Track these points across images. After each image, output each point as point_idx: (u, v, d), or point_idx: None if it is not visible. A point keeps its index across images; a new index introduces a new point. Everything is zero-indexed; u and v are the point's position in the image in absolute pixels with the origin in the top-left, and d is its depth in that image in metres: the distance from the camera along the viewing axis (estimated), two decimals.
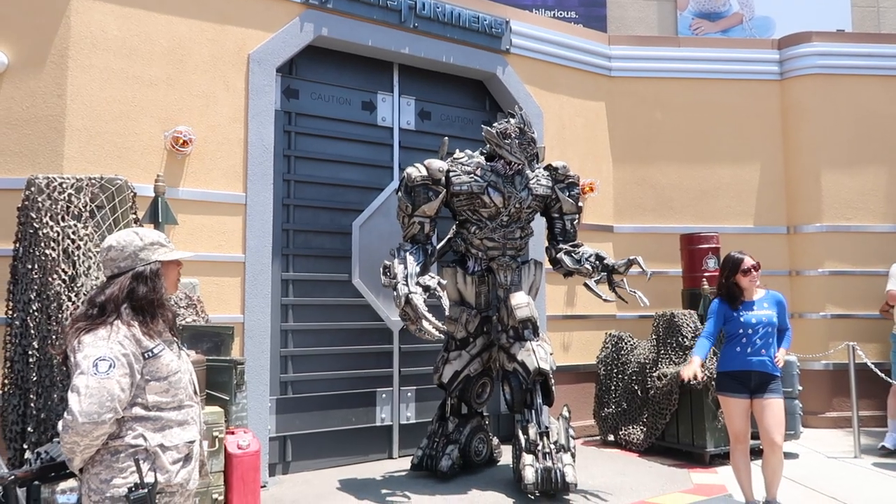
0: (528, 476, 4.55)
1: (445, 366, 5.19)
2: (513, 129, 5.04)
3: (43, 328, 3.77)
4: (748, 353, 4.25)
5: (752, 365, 4.24)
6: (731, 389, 4.27)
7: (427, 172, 5.00)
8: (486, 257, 5.22)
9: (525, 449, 4.71)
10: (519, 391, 4.91)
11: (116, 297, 2.32)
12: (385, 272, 4.85)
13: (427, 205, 4.98)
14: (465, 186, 5.06)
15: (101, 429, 2.13)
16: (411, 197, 4.99)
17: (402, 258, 4.85)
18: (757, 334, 4.26)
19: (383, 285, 4.90)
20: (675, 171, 7.52)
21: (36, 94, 4.61)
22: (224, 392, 4.07)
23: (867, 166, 7.51)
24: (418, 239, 5.01)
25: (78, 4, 4.71)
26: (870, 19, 11.24)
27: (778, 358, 4.29)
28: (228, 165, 5.20)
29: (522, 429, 4.82)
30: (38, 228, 3.82)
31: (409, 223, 5.01)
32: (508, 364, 4.99)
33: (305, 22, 5.57)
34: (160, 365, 2.31)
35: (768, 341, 4.28)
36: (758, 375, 4.24)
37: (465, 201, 5.11)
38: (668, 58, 7.64)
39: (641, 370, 6.28)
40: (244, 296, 5.15)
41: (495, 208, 5.08)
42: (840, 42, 7.80)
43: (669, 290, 7.02)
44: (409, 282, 4.72)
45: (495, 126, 5.12)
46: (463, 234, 5.27)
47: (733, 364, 4.29)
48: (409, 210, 5.00)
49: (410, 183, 4.99)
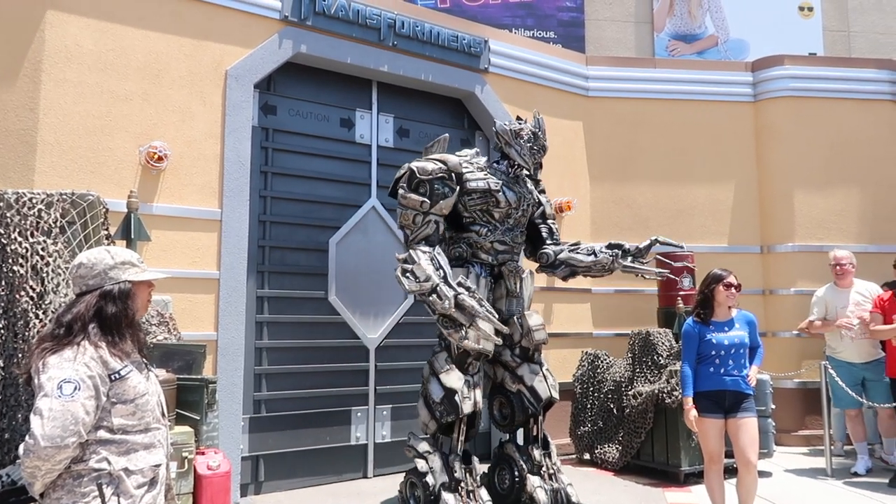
0: (541, 498, 4.50)
1: (464, 399, 4.38)
2: (527, 131, 4.82)
3: (9, 346, 3.69)
4: (721, 373, 4.29)
5: (725, 384, 4.27)
6: (706, 410, 4.29)
7: (446, 165, 4.57)
8: (496, 262, 4.80)
9: (530, 471, 4.66)
10: (521, 413, 4.74)
11: (83, 315, 2.28)
12: (408, 276, 4.27)
13: (445, 201, 4.51)
14: (482, 183, 4.67)
15: (63, 453, 2.08)
16: (427, 192, 4.50)
17: (432, 257, 4.32)
18: (730, 355, 4.30)
19: (409, 291, 4.33)
20: (651, 190, 7.60)
21: (7, 108, 4.55)
22: (195, 412, 4.00)
23: (839, 187, 7.65)
24: (432, 240, 4.48)
25: (53, 18, 4.67)
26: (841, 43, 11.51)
27: (750, 376, 4.34)
28: (204, 181, 5.16)
29: (520, 449, 4.75)
30: (6, 244, 3.75)
31: (424, 222, 4.48)
32: (512, 385, 4.76)
33: (284, 39, 5.57)
34: (127, 387, 2.27)
35: (741, 361, 4.33)
36: (732, 395, 4.27)
37: (478, 200, 4.70)
38: (644, 79, 7.75)
39: (617, 388, 6.30)
40: (218, 313, 5.09)
41: (508, 209, 4.77)
42: (812, 65, 7.98)
43: (645, 309, 7.07)
44: (450, 281, 4.24)
45: (510, 125, 4.89)
46: (469, 239, 4.78)
47: (707, 384, 4.31)
48: (425, 207, 4.48)
49: (425, 176, 4.50)
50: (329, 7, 5.76)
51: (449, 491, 4.29)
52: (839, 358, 6.26)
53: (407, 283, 4.27)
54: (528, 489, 4.61)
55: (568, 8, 10.92)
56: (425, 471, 4.43)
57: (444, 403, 4.38)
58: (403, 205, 4.57)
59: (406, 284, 4.28)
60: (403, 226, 4.61)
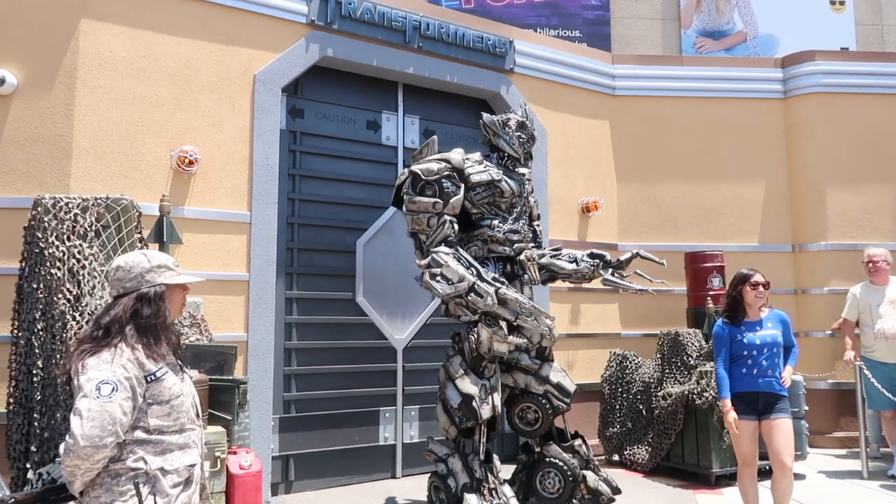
0: (606, 490, 4.60)
1: (482, 404, 4.32)
2: (514, 121, 4.79)
3: (48, 347, 3.78)
4: (754, 374, 4.22)
5: (758, 386, 4.21)
6: (739, 411, 4.22)
7: (450, 163, 4.53)
8: (513, 252, 4.71)
9: (583, 467, 4.69)
10: (553, 412, 4.68)
11: (120, 317, 2.33)
12: (439, 280, 4.17)
13: (455, 199, 4.46)
14: (485, 175, 4.62)
15: (102, 452, 2.13)
16: (436, 192, 4.44)
17: (458, 257, 4.25)
18: (762, 355, 4.23)
19: (443, 295, 4.21)
20: (679, 189, 7.52)
21: (44, 115, 4.66)
22: (227, 412, 4.06)
23: (872, 185, 7.50)
24: (451, 242, 4.40)
25: (87, 26, 4.77)
26: (874, 37, 11.27)
27: (784, 377, 4.27)
28: (233, 184, 5.23)
29: (570, 448, 4.74)
30: (44, 248, 3.85)
31: (440, 223, 4.41)
32: (539, 386, 4.67)
33: (311, 43, 5.62)
34: (163, 388, 2.31)
35: (774, 361, 4.25)
36: (765, 396, 4.21)
37: (484, 193, 4.65)
38: (671, 76, 7.67)
39: (646, 389, 6.25)
40: (248, 314, 5.16)
41: (512, 197, 4.72)
42: (844, 61, 7.82)
43: (674, 309, 7.00)
44: (485, 277, 4.16)
45: (497, 116, 4.89)
46: (482, 235, 4.69)
47: (740, 385, 4.25)
48: (438, 207, 4.42)
49: (431, 177, 4.45)
50: (355, 10, 5.80)
51: (471, 491, 4.28)
52: (873, 357, 6.14)
53: (440, 287, 4.18)
54: (590, 484, 4.63)
55: (593, 6, 10.86)
56: (446, 474, 4.43)
57: (463, 409, 4.34)
58: (413, 210, 4.50)
59: (439, 289, 4.18)
60: (417, 231, 4.54)
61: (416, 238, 4.61)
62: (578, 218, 7.05)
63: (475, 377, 4.40)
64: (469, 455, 4.42)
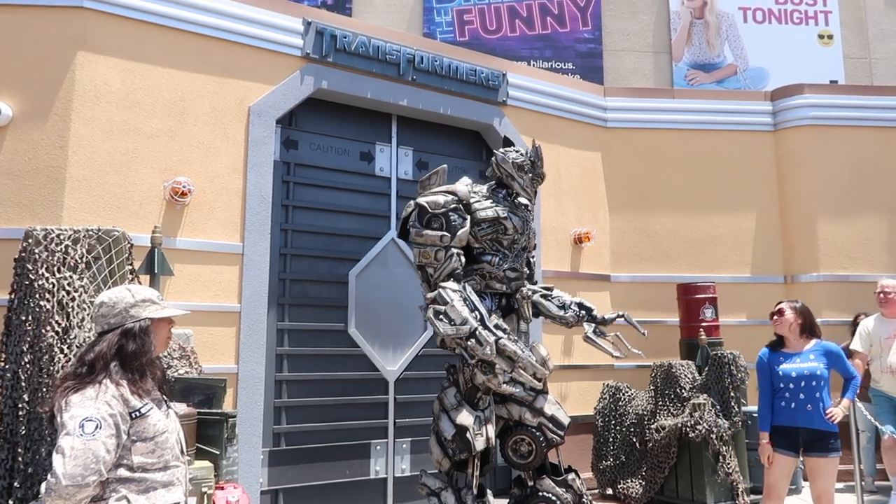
0: None
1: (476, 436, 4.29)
2: (526, 160, 4.79)
3: (34, 380, 3.75)
4: (792, 407, 4.16)
5: (797, 421, 4.15)
6: (777, 444, 4.20)
7: (457, 195, 4.51)
8: (509, 290, 4.75)
9: (576, 501, 4.62)
10: (546, 444, 4.61)
11: (105, 354, 2.32)
12: (442, 318, 4.14)
13: (462, 231, 4.43)
14: (491, 212, 4.62)
15: (84, 492, 2.11)
16: (443, 225, 4.42)
17: (464, 297, 4.21)
18: (799, 388, 4.14)
19: (444, 335, 4.18)
20: (671, 220, 7.56)
21: (38, 146, 4.68)
22: (214, 446, 4.01)
23: (863, 216, 7.55)
24: (458, 275, 4.37)
25: (83, 59, 4.82)
26: (862, 71, 11.44)
27: (833, 412, 4.09)
28: (226, 215, 5.24)
29: (563, 483, 4.67)
30: (34, 280, 3.84)
31: (447, 257, 4.37)
32: (533, 418, 4.60)
33: (306, 75, 5.68)
34: (147, 425, 2.29)
35: (815, 395, 4.13)
36: (806, 432, 4.13)
37: (488, 229, 4.65)
38: (663, 109, 7.76)
39: (640, 422, 6.21)
40: (239, 346, 5.13)
41: (514, 234, 4.72)
42: (833, 94, 7.94)
43: (667, 340, 6.99)
44: (488, 324, 4.13)
45: (509, 155, 4.85)
46: (482, 270, 4.69)
47: (779, 419, 4.22)
48: (445, 241, 4.39)
49: (438, 210, 4.44)
50: (350, 44, 5.87)
51: None
52: (879, 389, 6.11)
53: (442, 326, 4.15)
54: None
55: (586, 39, 11.01)
56: None
57: (457, 441, 4.31)
58: (420, 243, 4.49)
59: (441, 328, 4.16)
60: (424, 264, 4.52)
61: (422, 271, 4.58)
62: (571, 249, 7.07)
63: (470, 409, 4.38)
64: (462, 489, 4.38)
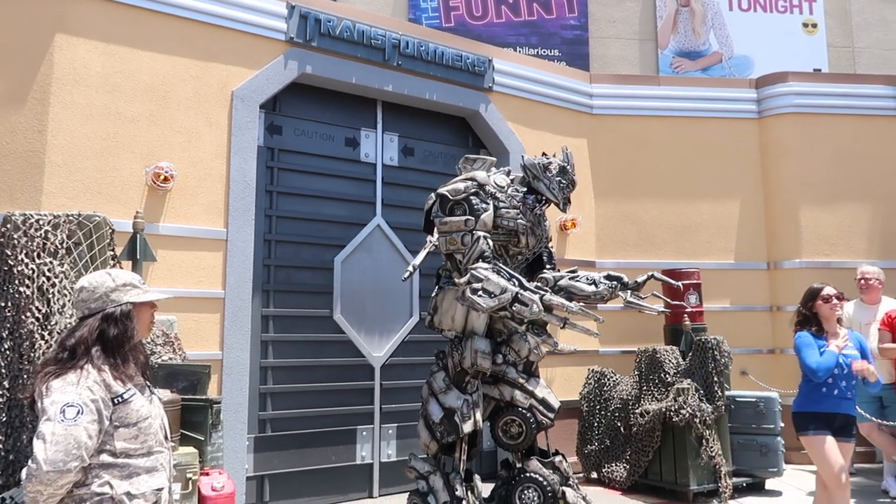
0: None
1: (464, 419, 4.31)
2: (555, 165, 4.68)
3: (14, 367, 3.70)
4: (835, 394, 4.20)
5: (840, 408, 4.20)
6: (818, 429, 4.19)
7: (476, 181, 4.46)
8: None
9: (562, 483, 4.61)
10: (536, 426, 4.57)
11: (86, 339, 2.30)
12: (480, 294, 4.07)
13: (486, 214, 4.36)
14: (512, 223, 4.53)
15: (66, 477, 2.09)
16: (466, 210, 4.35)
17: (497, 269, 4.14)
18: (842, 375, 4.20)
19: (487, 309, 4.09)
20: (656, 207, 7.59)
21: (16, 130, 4.59)
22: (199, 432, 3.99)
23: (846, 203, 7.62)
24: (487, 257, 4.28)
25: (62, 41, 4.73)
26: (845, 59, 11.51)
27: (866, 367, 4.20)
28: (210, 201, 5.19)
29: (550, 464, 4.67)
30: (13, 266, 3.78)
31: (474, 241, 4.30)
32: (524, 400, 4.57)
33: (290, 60, 5.62)
34: (130, 411, 2.27)
35: (853, 383, 4.23)
36: (842, 418, 4.22)
37: (502, 237, 4.59)
38: (648, 96, 7.76)
39: (624, 406, 6.26)
40: (223, 332, 5.10)
41: (524, 249, 4.71)
42: (816, 82, 7.99)
43: (651, 326, 7.03)
44: (527, 285, 4.09)
45: (538, 158, 4.78)
46: None
47: (821, 405, 4.21)
48: (470, 224, 4.32)
49: (459, 196, 4.37)
50: (334, 28, 5.81)
51: None
52: None
53: (483, 301, 4.07)
54: (569, 500, 4.55)
55: (572, 26, 10.98)
56: (426, 491, 4.39)
57: (444, 423, 4.34)
58: (445, 231, 4.42)
59: (482, 303, 4.08)
60: (452, 252, 4.43)
61: (451, 259, 4.49)
62: (556, 235, 7.08)
63: (458, 392, 4.40)
64: (450, 473, 4.40)
